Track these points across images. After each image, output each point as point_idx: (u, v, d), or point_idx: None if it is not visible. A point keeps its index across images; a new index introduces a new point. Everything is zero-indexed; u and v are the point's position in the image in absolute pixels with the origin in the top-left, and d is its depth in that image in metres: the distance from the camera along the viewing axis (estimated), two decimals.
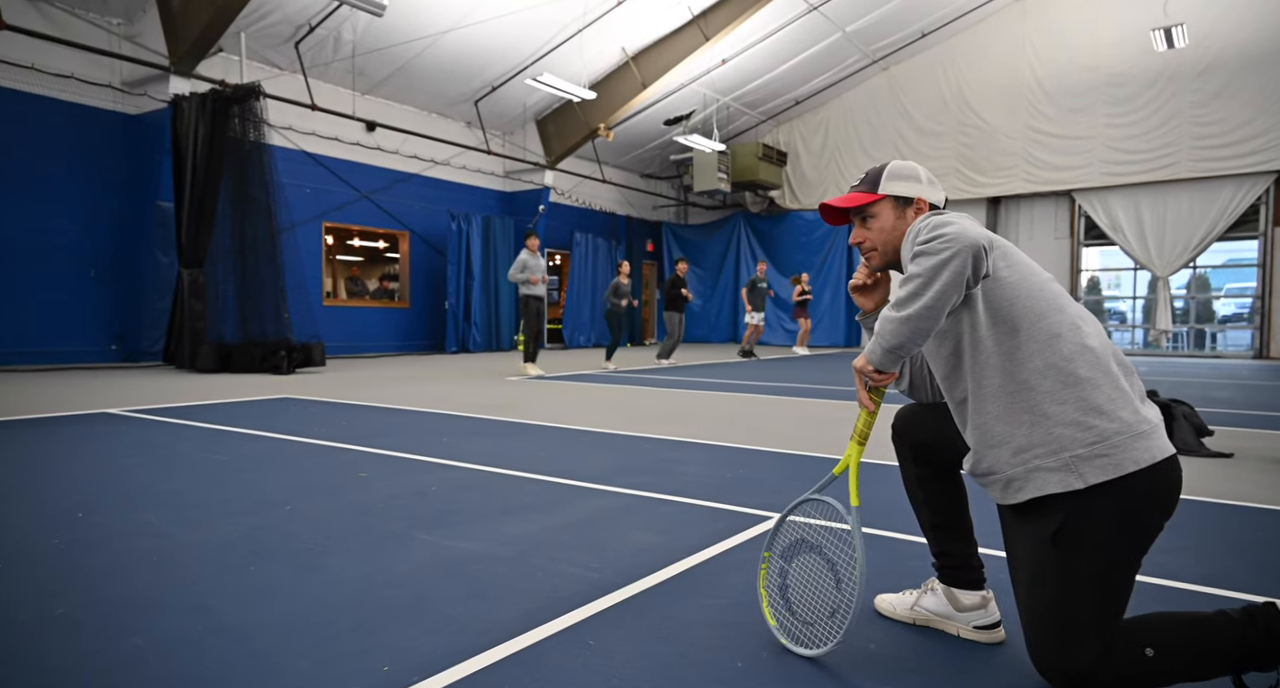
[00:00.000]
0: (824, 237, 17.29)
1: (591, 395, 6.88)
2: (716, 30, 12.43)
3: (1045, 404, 1.43)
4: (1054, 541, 1.42)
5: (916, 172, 1.74)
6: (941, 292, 1.40)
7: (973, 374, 1.52)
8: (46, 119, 9.17)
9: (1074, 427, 1.40)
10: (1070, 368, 1.43)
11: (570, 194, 16.09)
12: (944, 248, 1.41)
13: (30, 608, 1.83)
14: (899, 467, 1.85)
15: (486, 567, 2.19)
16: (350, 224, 12.74)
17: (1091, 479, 1.38)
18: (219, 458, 3.70)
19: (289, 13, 10.29)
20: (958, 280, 1.40)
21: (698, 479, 3.40)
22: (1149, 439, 1.40)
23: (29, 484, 3.14)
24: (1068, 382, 1.43)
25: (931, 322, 1.43)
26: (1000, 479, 1.49)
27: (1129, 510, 1.39)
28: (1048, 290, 1.50)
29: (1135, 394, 1.45)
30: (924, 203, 1.70)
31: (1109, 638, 1.38)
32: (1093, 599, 1.39)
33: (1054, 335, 1.45)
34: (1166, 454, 1.40)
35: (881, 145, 16.60)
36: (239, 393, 6.61)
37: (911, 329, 1.43)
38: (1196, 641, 1.38)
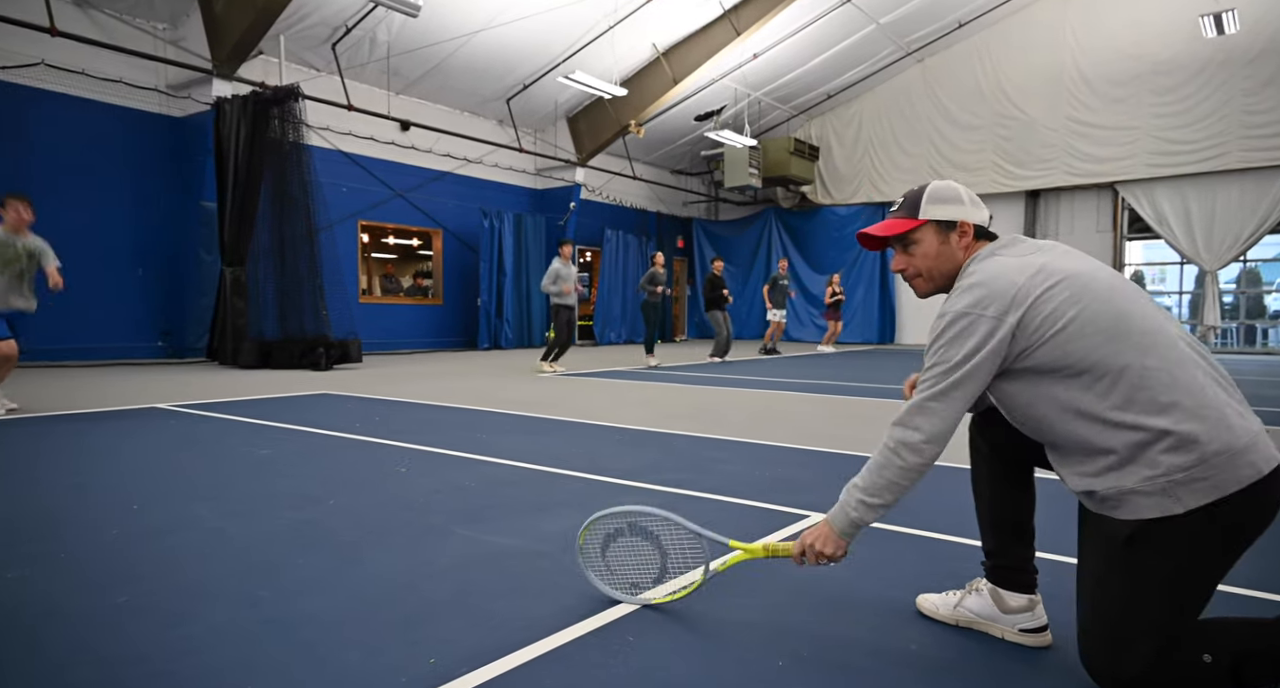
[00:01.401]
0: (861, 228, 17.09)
1: (623, 392, 6.90)
2: (748, 25, 12.33)
3: (1135, 437, 1.36)
4: (1128, 542, 1.38)
5: (958, 193, 1.67)
6: (916, 482, 1.56)
7: (1043, 421, 1.49)
8: (96, 122, 9.46)
9: (1171, 453, 1.33)
10: (1150, 396, 1.36)
11: (601, 191, 16.13)
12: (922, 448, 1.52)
13: (93, 598, 1.90)
14: (970, 460, 1.81)
15: (526, 562, 2.21)
16: (385, 222, 12.94)
17: (1191, 504, 1.32)
18: (263, 453, 3.79)
19: (326, 15, 10.46)
20: (931, 465, 1.54)
21: (735, 477, 3.40)
22: (1252, 452, 1.32)
23: (86, 478, 3.25)
24: (1152, 410, 1.35)
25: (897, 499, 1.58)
26: (1093, 498, 1.45)
27: (1221, 528, 1.33)
28: (1108, 315, 1.41)
29: (1233, 401, 1.38)
30: (967, 225, 1.64)
31: (1169, 646, 1.34)
32: (1158, 609, 1.35)
33: (1123, 367, 1.38)
34: (1272, 465, 1.32)
35: (916, 139, 16.34)
36: (279, 389, 6.76)
37: (880, 513, 1.59)
38: (1256, 647, 1.34)
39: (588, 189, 15.49)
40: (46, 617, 1.78)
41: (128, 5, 9.51)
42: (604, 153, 15.23)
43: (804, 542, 1.67)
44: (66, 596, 1.91)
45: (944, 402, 1.50)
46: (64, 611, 1.81)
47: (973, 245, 1.65)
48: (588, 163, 15.03)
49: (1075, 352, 1.42)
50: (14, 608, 1.83)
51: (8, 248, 4.86)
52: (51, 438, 4.14)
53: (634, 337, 16.64)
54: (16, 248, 4.89)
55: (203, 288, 9.79)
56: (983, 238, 1.68)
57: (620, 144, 15.36)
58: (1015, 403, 1.53)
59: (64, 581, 2.02)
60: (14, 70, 8.75)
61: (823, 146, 17.52)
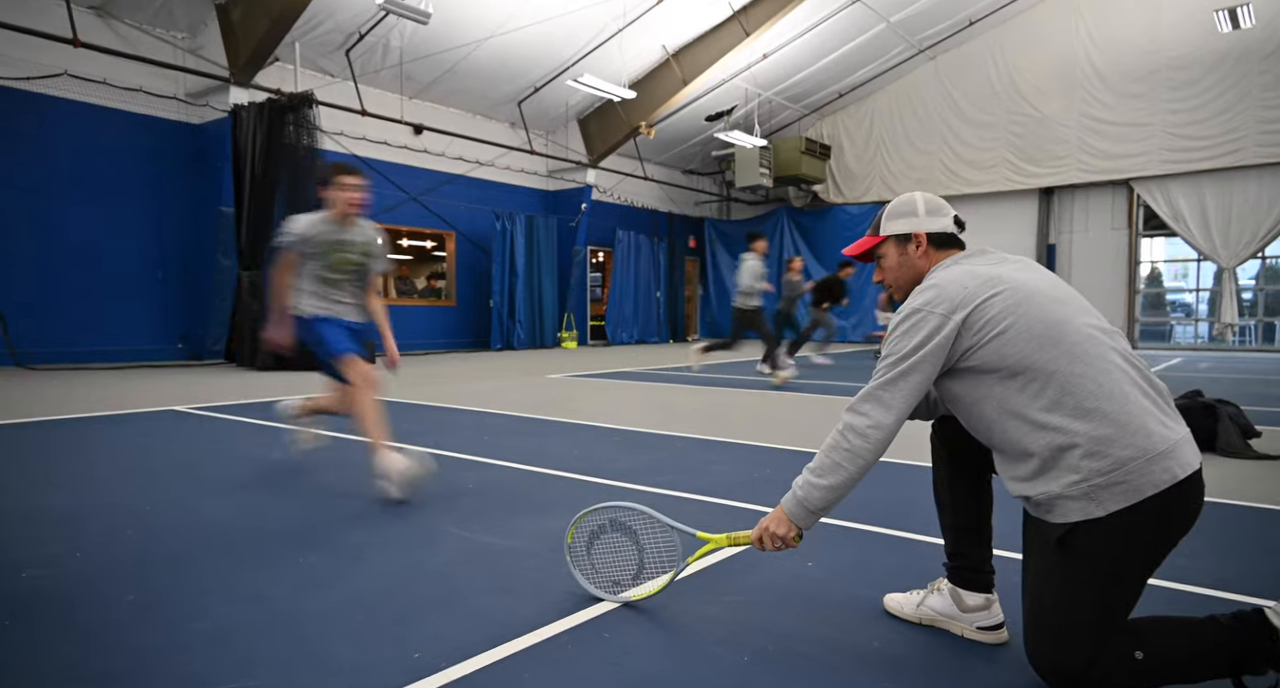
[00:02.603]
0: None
1: (632, 394, 7.00)
2: (757, 25, 12.37)
3: (1057, 439, 1.47)
4: (1060, 544, 1.48)
5: (914, 205, 1.80)
6: (863, 468, 1.63)
7: (983, 420, 1.60)
8: (118, 130, 9.71)
9: (1090, 458, 1.43)
10: (1075, 401, 1.46)
11: (612, 192, 16.23)
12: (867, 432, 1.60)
13: (109, 593, 2.04)
14: (931, 465, 1.91)
15: (514, 562, 2.32)
16: (399, 225, 13.13)
17: (1111, 507, 1.41)
18: (274, 455, 3.94)
19: (340, 21, 10.64)
20: (878, 453, 1.62)
21: (726, 479, 3.49)
22: (1169, 458, 1.41)
23: (103, 478, 3.41)
24: (1075, 414, 1.46)
25: (852, 486, 1.65)
26: (1030, 502, 1.56)
27: (1144, 529, 1.42)
28: (1043, 323, 1.52)
29: (1156, 409, 1.46)
30: (920, 236, 1.77)
31: (1105, 642, 1.43)
32: (1092, 605, 1.44)
33: (1052, 372, 1.49)
34: (1188, 471, 1.42)
35: (928, 137, 16.28)
36: (294, 391, 6.93)
37: (838, 496, 1.66)
38: (1184, 645, 1.43)
39: (599, 190, 15.60)
40: (59, 615, 1.91)
41: (148, 15, 9.75)
42: (615, 154, 15.33)
43: (760, 527, 1.76)
44: (79, 593, 2.04)
45: (891, 391, 1.61)
46: (76, 608, 1.95)
47: (933, 254, 1.78)
48: (599, 164, 15.14)
49: (1012, 354, 1.52)
50: (28, 606, 1.97)
51: (339, 248, 3.36)
52: (71, 439, 4.32)
53: (645, 336, 16.74)
54: (351, 247, 3.39)
55: (221, 291, 10.01)
56: (951, 246, 1.79)
57: (631, 145, 15.45)
58: (960, 402, 1.64)
59: (77, 579, 2.15)
60: (38, 81, 9.01)
61: (834, 145, 17.51)
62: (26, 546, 2.44)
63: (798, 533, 1.73)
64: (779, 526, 1.72)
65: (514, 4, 11.11)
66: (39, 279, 9.06)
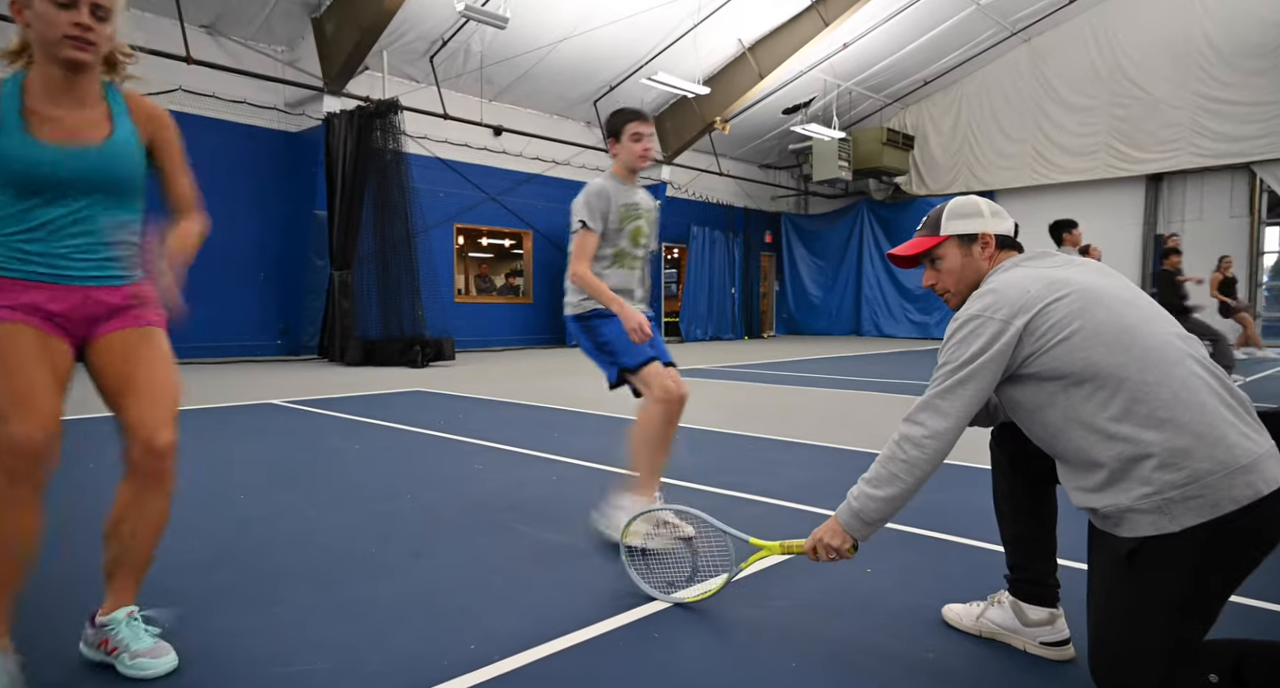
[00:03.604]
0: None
1: (702, 391, 6.99)
2: (836, 15, 12.07)
3: (1129, 450, 1.38)
4: (1129, 560, 1.39)
5: (978, 206, 1.76)
6: (920, 479, 1.58)
7: (1047, 429, 1.53)
8: (225, 140, 10.42)
9: (1164, 470, 1.34)
10: (1147, 410, 1.37)
11: (687, 188, 16.20)
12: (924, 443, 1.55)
13: (196, 578, 2.22)
14: (991, 474, 1.84)
15: (573, 560, 2.38)
16: (479, 224, 13.54)
17: (1186, 522, 1.32)
18: (356, 448, 4.16)
19: (424, 29, 11.06)
20: (935, 463, 1.57)
21: (792, 480, 3.45)
22: (1252, 472, 1.31)
23: (207, 467, 3.69)
24: (1148, 424, 1.37)
25: (909, 498, 1.60)
26: (1096, 515, 1.48)
27: (1222, 547, 1.33)
28: (1114, 327, 1.45)
29: (1238, 420, 1.37)
30: (989, 236, 1.72)
31: (1175, 664, 1.35)
32: (1162, 628, 1.36)
33: (1123, 379, 1.41)
34: (1273, 487, 1.31)
35: (1021, 124, 15.47)
36: (378, 386, 7.28)
37: (895, 507, 1.61)
38: (1264, 670, 1.33)
39: (673, 186, 15.61)
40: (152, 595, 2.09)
41: (251, 31, 10.41)
42: (690, 150, 15.29)
43: (814, 536, 1.74)
44: (171, 576, 2.23)
45: (949, 400, 1.55)
46: (169, 591, 2.13)
47: (997, 256, 1.72)
48: (673, 160, 15.14)
49: (1077, 361, 1.45)
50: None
51: (633, 215, 2.77)
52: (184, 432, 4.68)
53: (720, 333, 16.65)
54: (642, 213, 2.82)
55: (315, 290, 10.60)
56: (1009, 248, 1.72)
57: (706, 140, 15.38)
58: (1022, 410, 1.57)
59: (171, 563, 2.35)
60: (156, 96, 9.77)
61: (918, 136, 16.89)
62: None
63: (853, 544, 1.70)
64: (833, 537, 1.70)
65: (589, 5, 11.25)
66: None
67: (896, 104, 16.89)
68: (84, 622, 1.68)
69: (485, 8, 9.01)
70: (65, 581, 2.10)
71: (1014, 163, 15.64)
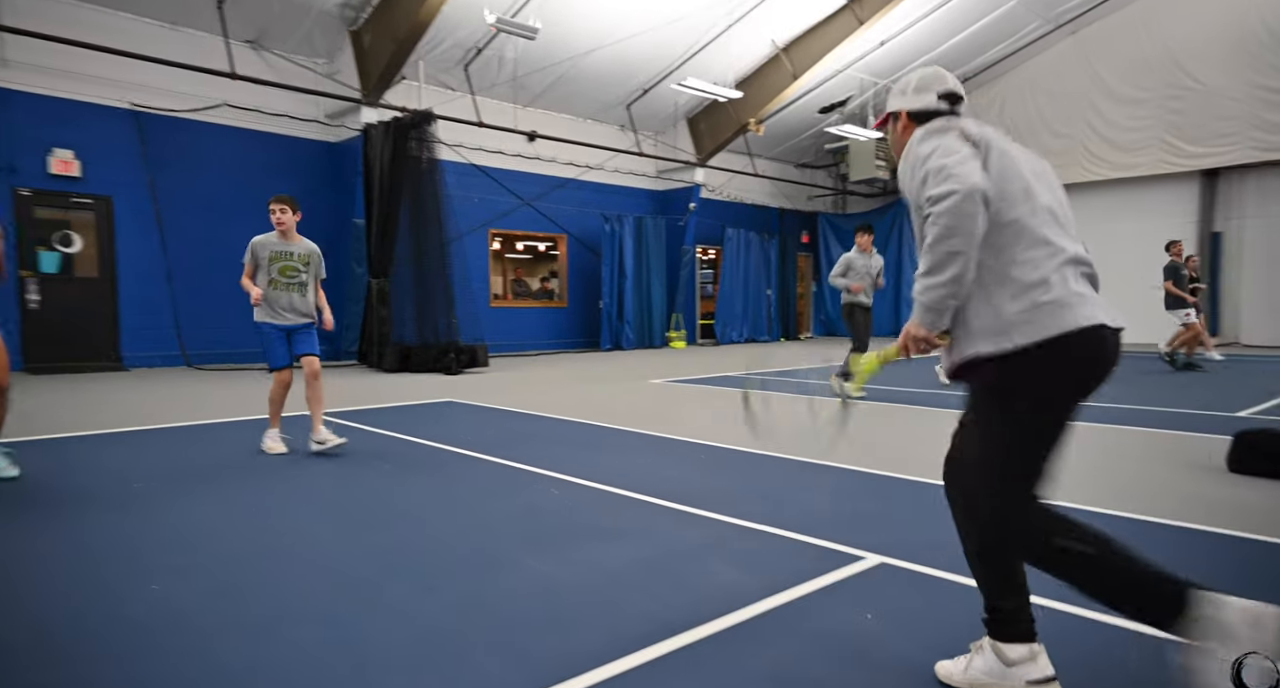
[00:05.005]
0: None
1: (728, 404, 6.96)
2: (871, 13, 11.87)
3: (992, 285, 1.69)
4: (987, 390, 1.73)
5: (906, 84, 1.96)
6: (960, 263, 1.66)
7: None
8: (268, 151, 10.75)
9: (1012, 300, 1.66)
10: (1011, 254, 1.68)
11: (721, 190, 16.12)
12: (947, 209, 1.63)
13: (222, 609, 2.31)
14: (953, 513, 1.85)
15: (572, 597, 2.41)
16: (514, 230, 13.70)
17: (1020, 341, 1.63)
18: (383, 467, 4.27)
19: (459, 38, 11.22)
20: (971, 236, 1.64)
21: (812, 510, 3.42)
22: (1075, 310, 1.64)
23: (233, 491, 3.83)
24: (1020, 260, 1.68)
25: (959, 285, 1.68)
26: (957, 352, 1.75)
27: (1054, 368, 1.65)
28: (1015, 185, 1.71)
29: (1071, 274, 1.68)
30: (903, 114, 1.94)
31: (1024, 491, 1.68)
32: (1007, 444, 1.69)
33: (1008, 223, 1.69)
34: (1091, 323, 1.63)
35: (1068, 118, 14.98)
36: (412, 395, 7.44)
37: (960, 286, 1.68)
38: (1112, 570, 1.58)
39: (708, 188, 15.55)
40: (173, 630, 2.19)
41: (293, 44, 10.70)
42: (725, 151, 15.22)
43: (903, 336, 1.83)
44: (198, 607, 2.33)
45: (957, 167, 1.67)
46: (193, 622, 2.22)
47: (910, 129, 1.93)
48: (708, 162, 15.08)
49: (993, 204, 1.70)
50: (150, 617, 2.27)
51: (282, 258, 4.46)
52: (217, 445, 4.87)
53: (755, 335, 16.54)
54: (293, 256, 4.50)
55: (354, 298, 10.87)
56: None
57: (741, 141, 15.27)
58: None
59: (196, 593, 2.45)
60: (203, 111, 10.13)
61: None
62: (158, 554, 2.80)
63: (942, 330, 1.76)
64: (916, 328, 1.77)
65: (621, 12, 11.26)
66: (205, 289, 10.18)
67: None
68: None
69: (515, 19, 9.09)
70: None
71: (1061, 159, 15.14)
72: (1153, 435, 5.21)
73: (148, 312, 9.81)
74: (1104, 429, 5.39)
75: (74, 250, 9.39)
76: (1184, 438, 5.10)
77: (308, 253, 4.65)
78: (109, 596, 2.40)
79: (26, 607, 2.32)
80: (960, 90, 1.94)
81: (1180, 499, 3.58)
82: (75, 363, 9.19)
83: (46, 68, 8.93)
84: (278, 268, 4.54)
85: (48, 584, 2.51)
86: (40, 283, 9.07)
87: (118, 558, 2.76)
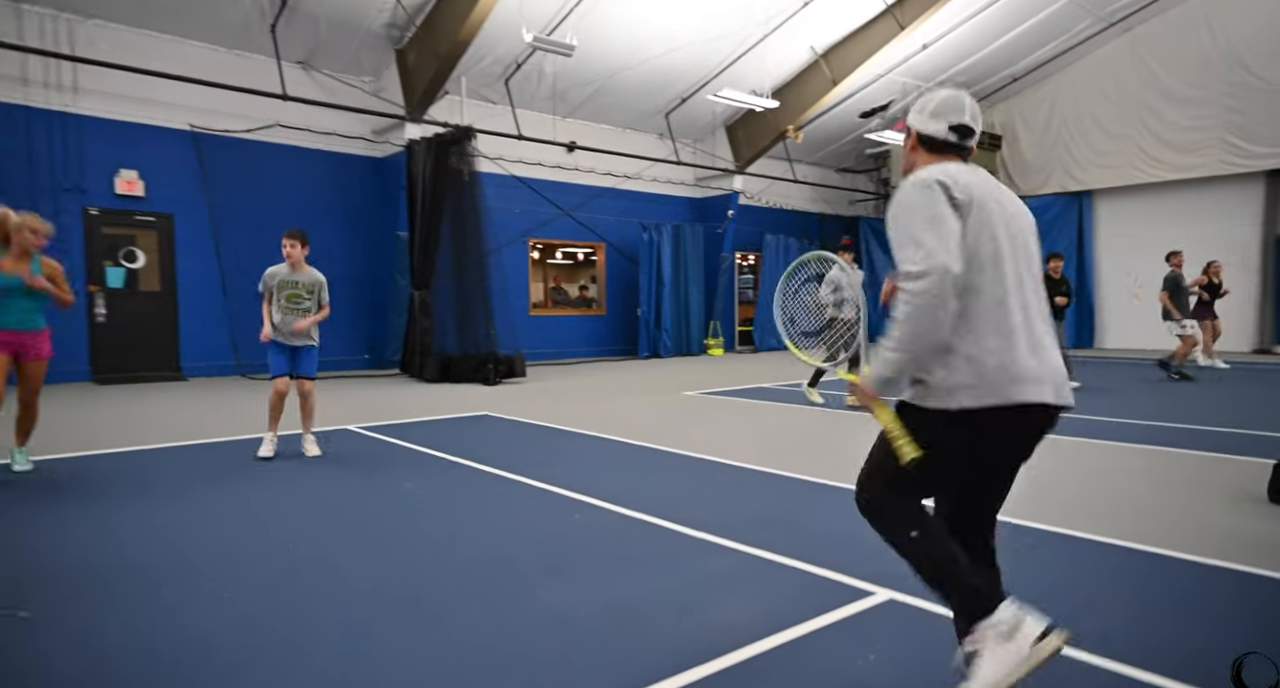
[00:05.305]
0: (1049, 226, 15.49)
1: (757, 419, 6.96)
2: (913, 18, 11.69)
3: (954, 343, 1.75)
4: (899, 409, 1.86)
5: (926, 103, 1.97)
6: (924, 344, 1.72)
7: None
8: (317, 168, 11.16)
9: (966, 364, 1.73)
10: (974, 321, 1.75)
11: (761, 196, 16.06)
12: (918, 292, 1.68)
13: (241, 635, 2.47)
14: (925, 545, 1.92)
15: (582, 632, 2.49)
16: (553, 239, 13.91)
17: (966, 404, 1.72)
18: (409, 486, 4.43)
19: (499, 54, 11.46)
20: (937, 322, 1.69)
21: (832, 537, 3.43)
22: (1021, 385, 1.72)
23: (263, 509, 4.03)
24: (973, 330, 1.75)
25: (918, 362, 1.76)
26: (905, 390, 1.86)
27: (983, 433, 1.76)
28: (986, 250, 1.77)
29: (1024, 346, 1.75)
30: (913, 133, 1.98)
31: (898, 495, 1.86)
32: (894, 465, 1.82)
33: (985, 286, 1.76)
34: (1032, 400, 1.72)
35: (1123, 119, 14.48)
36: (449, 408, 7.65)
37: (902, 367, 1.75)
38: (945, 555, 1.80)
39: (746, 195, 15.51)
40: (201, 656, 2.35)
41: (341, 63, 11.08)
42: (764, 157, 15.16)
43: (858, 388, 1.91)
44: (208, 631, 2.49)
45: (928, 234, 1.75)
46: (216, 646, 2.38)
47: (921, 154, 1.97)
48: (746, 169, 15.05)
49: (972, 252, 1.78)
50: (181, 642, 2.44)
51: (289, 286, 5.13)
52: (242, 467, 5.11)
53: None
54: (298, 285, 5.15)
55: (398, 308, 11.20)
56: (938, 151, 1.94)
57: (780, 147, 15.19)
58: None
59: (207, 615, 2.62)
60: (257, 131, 10.58)
61: (1007, 135, 16.08)
62: (193, 580, 2.99)
63: (873, 401, 1.87)
64: (868, 389, 1.86)
65: (660, 24, 11.34)
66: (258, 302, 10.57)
67: (982, 103, 16.11)
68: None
69: (552, 37, 9.25)
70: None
71: (1115, 161, 14.67)
72: (1184, 458, 5.04)
73: (205, 323, 10.29)
74: (1132, 449, 5.24)
75: (138, 266, 9.92)
76: (1220, 461, 4.92)
77: (312, 282, 5.25)
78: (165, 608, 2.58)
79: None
80: (974, 124, 1.94)
81: (1214, 534, 3.48)
82: (139, 373, 9.71)
83: (114, 94, 9.45)
84: (285, 295, 5.14)
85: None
86: (107, 297, 9.61)
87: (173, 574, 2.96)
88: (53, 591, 2.83)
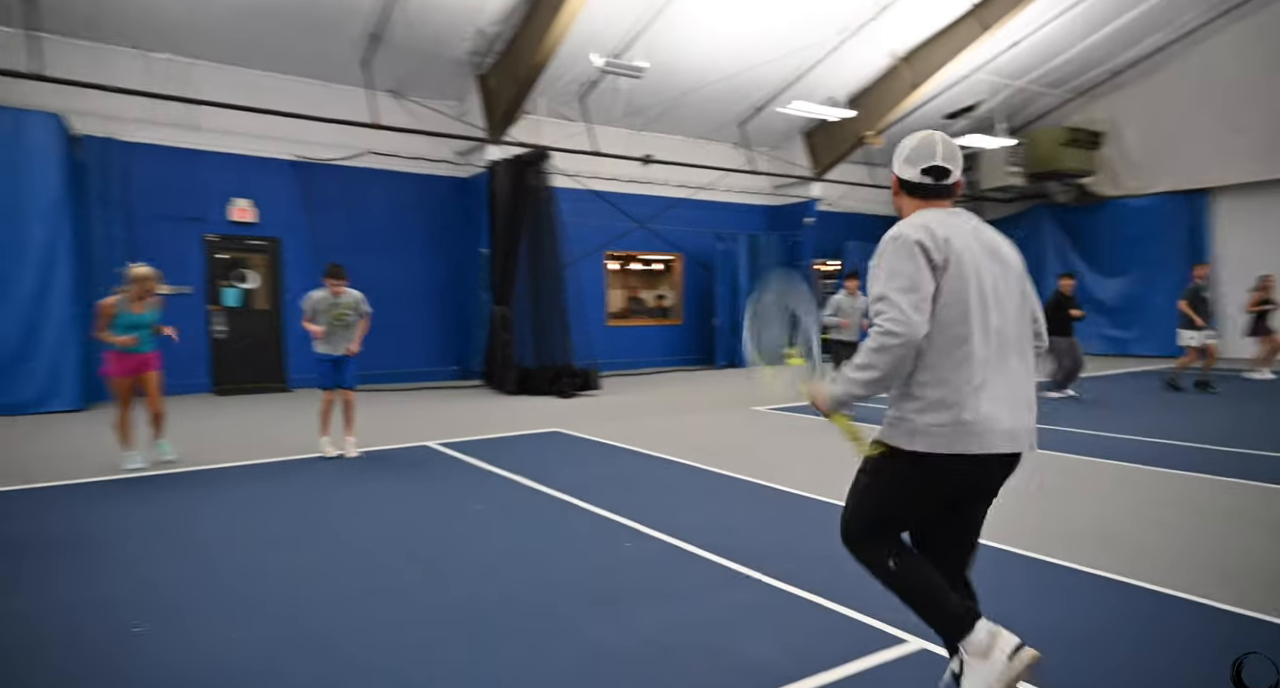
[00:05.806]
0: (1158, 227, 14.47)
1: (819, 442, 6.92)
2: (996, 18, 11.24)
3: (919, 391, 1.95)
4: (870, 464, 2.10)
5: (901, 149, 2.16)
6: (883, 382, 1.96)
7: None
8: (405, 191, 11.83)
9: (929, 410, 1.92)
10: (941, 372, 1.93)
11: (840, 202, 15.77)
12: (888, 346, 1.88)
13: (309, 662, 2.76)
14: (908, 574, 2.13)
15: (615, 669, 2.64)
16: (631, 250, 14.15)
17: (923, 448, 1.92)
18: (476, 507, 4.72)
19: (575, 74, 11.80)
20: (901, 365, 1.91)
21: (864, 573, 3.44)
22: (981, 437, 1.89)
23: (341, 528, 4.40)
24: (939, 380, 1.93)
25: (876, 391, 1.99)
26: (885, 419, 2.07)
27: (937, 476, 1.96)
28: (955, 310, 1.92)
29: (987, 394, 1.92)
30: (895, 180, 2.19)
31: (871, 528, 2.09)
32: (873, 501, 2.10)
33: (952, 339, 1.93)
34: (985, 451, 1.90)
35: (1245, 110, 13.26)
36: (524, 422, 7.99)
37: (859, 395, 1.99)
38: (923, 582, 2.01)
39: (825, 202, 15.27)
40: (264, 678, 2.65)
41: (428, 90, 11.70)
42: (843, 162, 14.89)
43: (818, 395, 2.14)
44: (234, 655, 2.79)
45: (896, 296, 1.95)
46: (281, 673, 2.68)
47: (905, 200, 2.16)
48: (824, 176, 14.82)
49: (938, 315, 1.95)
50: (247, 666, 2.75)
51: (335, 308, 6.23)
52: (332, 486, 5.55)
53: None
54: (341, 306, 6.24)
55: (481, 323, 11.72)
56: (920, 195, 2.13)
57: (860, 151, 14.88)
58: None
59: (236, 639, 2.92)
60: (352, 158, 11.33)
61: (1110, 131, 15.13)
62: (256, 606, 3.33)
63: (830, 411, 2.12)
64: (827, 400, 2.09)
65: (731, 38, 11.37)
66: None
67: (1081, 98, 15.24)
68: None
69: (622, 60, 9.47)
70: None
71: (1240, 155, 13.49)
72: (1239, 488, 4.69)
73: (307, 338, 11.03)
74: (1175, 476, 4.90)
75: (250, 286, 10.83)
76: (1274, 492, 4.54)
77: (354, 301, 6.31)
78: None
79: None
80: (949, 163, 2.07)
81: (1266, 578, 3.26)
82: (252, 385, 10.60)
83: (229, 130, 10.37)
84: (332, 315, 6.20)
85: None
86: (225, 315, 10.55)
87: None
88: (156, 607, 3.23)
